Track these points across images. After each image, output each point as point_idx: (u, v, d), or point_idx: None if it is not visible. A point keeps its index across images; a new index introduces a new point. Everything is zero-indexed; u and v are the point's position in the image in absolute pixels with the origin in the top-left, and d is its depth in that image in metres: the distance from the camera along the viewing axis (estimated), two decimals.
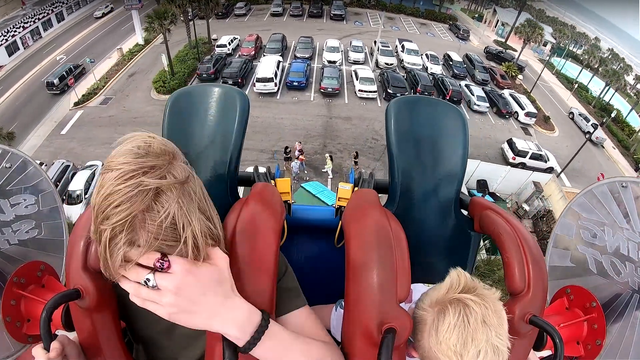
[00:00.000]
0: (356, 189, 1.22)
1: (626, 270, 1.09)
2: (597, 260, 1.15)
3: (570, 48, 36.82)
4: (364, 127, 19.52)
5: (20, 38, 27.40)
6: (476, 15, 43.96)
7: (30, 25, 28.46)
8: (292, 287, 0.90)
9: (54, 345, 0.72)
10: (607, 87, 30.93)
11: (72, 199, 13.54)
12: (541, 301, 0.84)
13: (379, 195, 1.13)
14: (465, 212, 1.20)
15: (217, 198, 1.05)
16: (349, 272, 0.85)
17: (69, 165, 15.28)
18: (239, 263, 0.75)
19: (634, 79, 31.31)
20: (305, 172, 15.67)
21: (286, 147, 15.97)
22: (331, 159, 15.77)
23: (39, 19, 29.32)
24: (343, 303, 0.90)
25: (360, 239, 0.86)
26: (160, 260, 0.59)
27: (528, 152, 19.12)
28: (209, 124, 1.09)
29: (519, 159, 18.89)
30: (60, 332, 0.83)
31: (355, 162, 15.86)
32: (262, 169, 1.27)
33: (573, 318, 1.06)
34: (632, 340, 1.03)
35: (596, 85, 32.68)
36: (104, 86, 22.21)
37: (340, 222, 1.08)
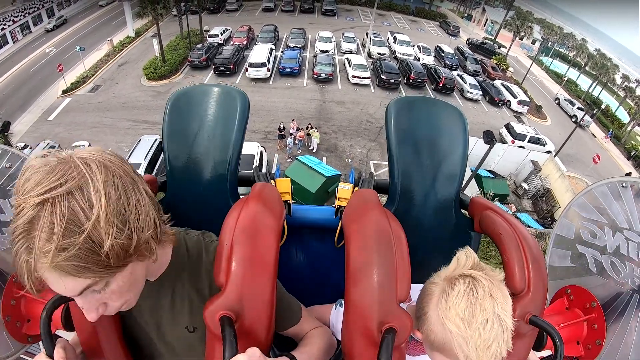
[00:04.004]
0: (356, 189, 1.20)
1: (626, 270, 1.08)
2: (597, 260, 1.15)
3: (558, 48, 37.62)
4: (358, 110, 19.41)
5: (10, 32, 27.11)
6: (465, 15, 44.75)
7: (20, 19, 28.19)
8: (284, 299, 0.94)
9: (59, 353, 0.71)
10: (596, 83, 31.57)
11: None
12: (541, 301, 0.83)
13: (379, 195, 1.11)
14: (465, 212, 1.18)
15: (217, 198, 1.09)
16: (349, 272, 0.83)
17: (55, 146, 14.79)
18: (239, 263, 0.75)
19: (620, 77, 32.06)
20: (299, 151, 15.43)
21: (281, 125, 15.73)
22: (313, 129, 15.68)
23: (29, 14, 29.07)
24: (343, 302, 0.90)
25: (360, 239, 0.85)
26: None
27: (526, 136, 19.26)
28: (209, 124, 1.10)
29: (517, 142, 18.93)
30: (60, 333, 0.84)
31: (308, 134, 15.85)
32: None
33: (573, 318, 1.06)
34: (632, 340, 1.02)
35: (584, 84, 33.43)
36: (93, 75, 21.86)
37: (340, 222, 1.07)
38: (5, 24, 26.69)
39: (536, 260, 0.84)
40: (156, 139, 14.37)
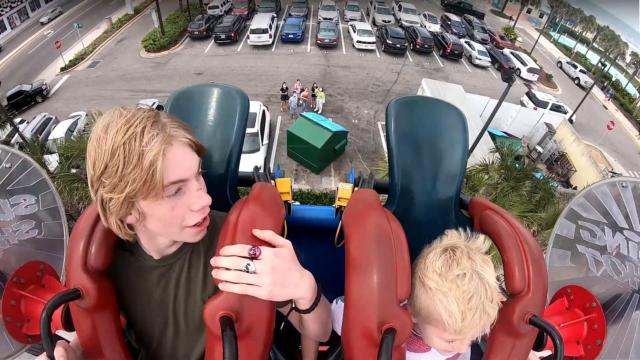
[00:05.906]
0: (356, 189, 1.19)
1: (626, 270, 1.09)
2: (597, 260, 1.15)
3: (565, 24, 36.59)
4: (364, 74, 18.84)
5: (7, 18, 26.76)
6: None
7: (17, 5, 27.81)
8: None
9: (59, 352, 0.74)
10: (605, 59, 30.66)
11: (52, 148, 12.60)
12: (541, 301, 0.83)
13: (379, 195, 1.11)
14: (465, 212, 1.16)
15: (217, 198, 1.06)
16: (348, 272, 0.84)
17: (51, 118, 14.47)
18: None
19: (630, 55, 31.05)
20: (304, 111, 14.85)
21: (283, 85, 15.15)
22: (318, 88, 15.13)
23: None
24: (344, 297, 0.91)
25: (360, 239, 0.86)
26: (252, 249, 0.70)
27: (548, 103, 18.65)
28: (209, 124, 1.11)
29: (540, 110, 18.28)
30: (60, 333, 0.84)
31: (314, 95, 15.26)
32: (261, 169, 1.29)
33: (573, 318, 1.06)
34: (632, 340, 1.03)
35: (593, 59, 32.51)
36: (92, 51, 21.45)
37: (340, 222, 1.07)
38: (2, 11, 26.30)
39: (536, 260, 0.83)
40: (154, 102, 14.05)
